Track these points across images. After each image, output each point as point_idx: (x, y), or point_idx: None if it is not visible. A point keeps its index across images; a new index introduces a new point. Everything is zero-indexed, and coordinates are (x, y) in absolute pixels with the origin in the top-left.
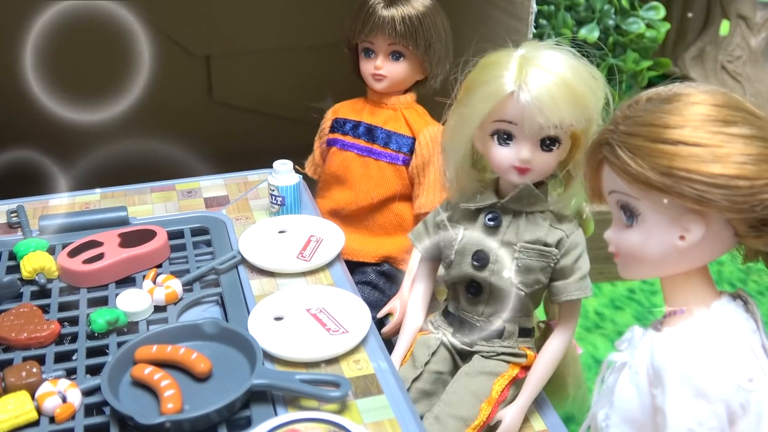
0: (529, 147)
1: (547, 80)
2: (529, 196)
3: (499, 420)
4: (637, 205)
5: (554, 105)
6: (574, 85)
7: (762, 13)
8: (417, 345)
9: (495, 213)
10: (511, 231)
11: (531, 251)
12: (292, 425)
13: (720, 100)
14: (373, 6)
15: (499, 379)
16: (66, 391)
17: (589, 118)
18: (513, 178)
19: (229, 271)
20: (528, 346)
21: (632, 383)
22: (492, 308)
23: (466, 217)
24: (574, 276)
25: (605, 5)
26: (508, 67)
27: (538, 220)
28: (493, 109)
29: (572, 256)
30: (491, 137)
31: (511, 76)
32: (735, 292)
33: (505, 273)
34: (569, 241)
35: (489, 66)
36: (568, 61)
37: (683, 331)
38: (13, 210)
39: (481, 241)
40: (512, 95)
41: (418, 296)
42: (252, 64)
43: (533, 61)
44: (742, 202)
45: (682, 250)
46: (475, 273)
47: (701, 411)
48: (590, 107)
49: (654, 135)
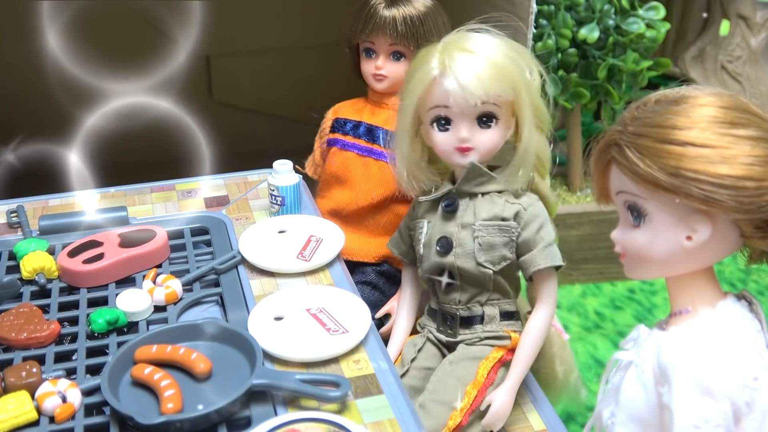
0: (466, 126)
1: (465, 58)
2: (478, 176)
3: (489, 404)
4: (644, 205)
5: (476, 79)
6: (492, 58)
7: (762, 13)
8: (405, 347)
9: (450, 198)
10: (468, 213)
11: (490, 228)
12: (291, 425)
13: (727, 103)
14: (374, 6)
15: (484, 362)
16: (66, 391)
17: (515, 88)
18: (458, 160)
19: (229, 271)
20: (513, 329)
21: (638, 381)
22: (467, 294)
23: (428, 210)
24: (538, 246)
25: (605, 5)
26: (432, 55)
27: (495, 198)
28: (423, 96)
29: (533, 227)
30: (431, 126)
31: (435, 62)
32: (740, 292)
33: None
34: (527, 213)
35: (418, 59)
36: (486, 38)
37: (689, 330)
38: (13, 210)
39: (442, 228)
40: (437, 79)
41: (405, 302)
42: (252, 64)
43: (452, 45)
44: (749, 203)
45: (689, 251)
46: (441, 260)
47: (708, 408)
48: (513, 76)
49: (662, 136)
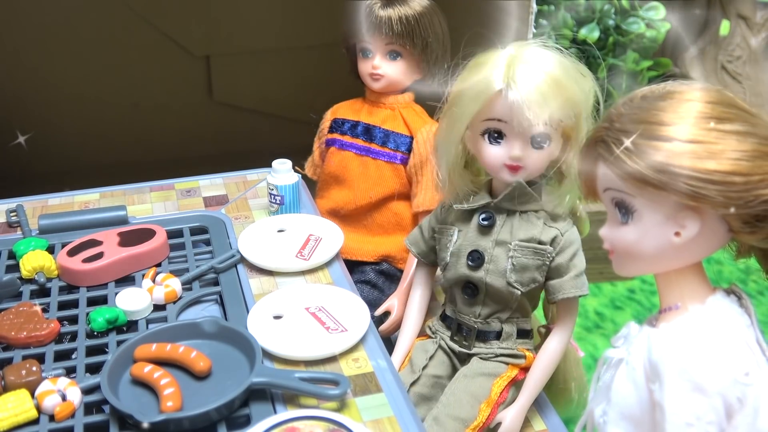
0: (520, 145)
1: (534, 77)
2: (522, 195)
3: (499, 422)
4: (632, 202)
5: (542, 101)
6: (562, 81)
7: (762, 13)
8: (415, 350)
9: (488, 212)
10: (505, 230)
11: (526, 249)
12: (291, 423)
13: (714, 97)
14: (370, 6)
15: (498, 380)
16: (66, 389)
17: (577, 114)
18: (505, 176)
19: (229, 269)
20: (527, 347)
21: (629, 379)
22: (489, 309)
23: (460, 218)
24: (569, 274)
25: (605, 5)
26: (497, 66)
27: (532, 218)
28: (482, 107)
29: (567, 253)
30: (482, 137)
31: (500, 75)
32: (729, 287)
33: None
34: (564, 239)
35: (478, 66)
36: (555, 58)
37: (679, 326)
38: (12, 209)
39: (475, 241)
40: (501, 93)
41: (416, 301)
42: (252, 64)
43: (520, 59)
44: (737, 198)
45: (678, 247)
46: (470, 274)
47: (699, 405)
48: (578, 103)
49: (649, 132)
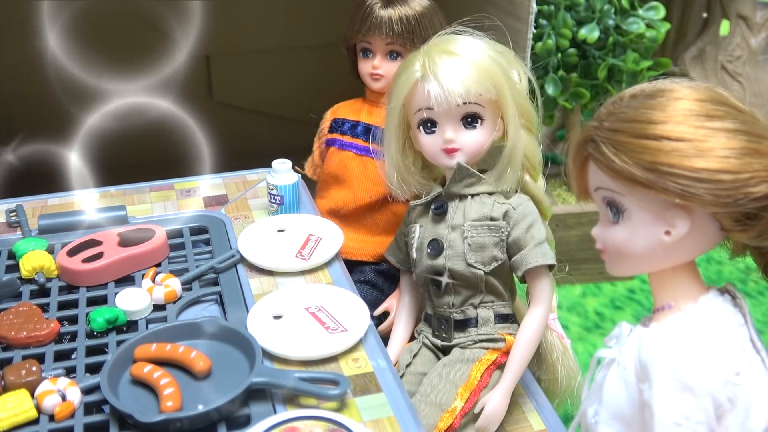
0: (451, 127)
1: (446, 60)
2: (466, 176)
3: (482, 406)
4: (622, 201)
5: (456, 79)
6: (473, 58)
7: (762, 13)
8: (402, 353)
9: (440, 201)
10: (458, 214)
11: (479, 228)
12: (291, 423)
13: (703, 95)
14: (370, 6)
15: (477, 364)
16: (66, 389)
17: (497, 86)
18: (444, 161)
19: (228, 270)
20: (508, 332)
21: (620, 379)
22: (460, 297)
23: (420, 215)
24: (529, 245)
25: (605, 5)
26: (416, 59)
27: (485, 200)
28: (408, 99)
29: (522, 225)
30: (419, 129)
31: (417, 66)
32: (723, 286)
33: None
34: (517, 212)
35: (403, 63)
36: (467, 40)
37: (670, 325)
38: (12, 209)
39: (433, 231)
40: (419, 82)
41: (403, 308)
42: (252, 64)
43: (434, 48)
44: (726, 196)
45: (668, 245)
46: (433, 263)
47: (688, 405)
48: (494, 75)
49: (638, 131)
